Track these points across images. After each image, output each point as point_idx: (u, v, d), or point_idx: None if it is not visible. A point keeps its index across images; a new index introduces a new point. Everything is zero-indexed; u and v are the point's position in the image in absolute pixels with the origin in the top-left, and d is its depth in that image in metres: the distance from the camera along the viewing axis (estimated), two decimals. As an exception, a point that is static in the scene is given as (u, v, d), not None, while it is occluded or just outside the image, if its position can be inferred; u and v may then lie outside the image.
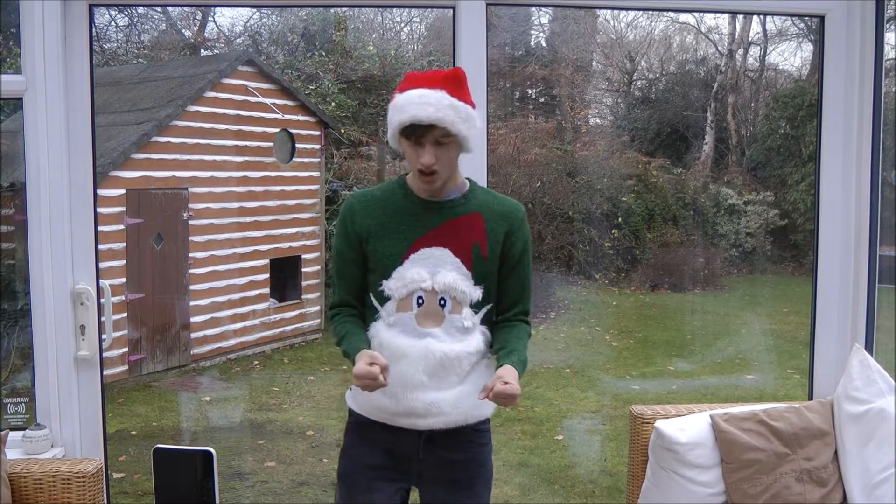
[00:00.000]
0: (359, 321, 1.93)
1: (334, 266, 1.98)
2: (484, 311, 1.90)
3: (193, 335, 7.19)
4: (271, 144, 7.94)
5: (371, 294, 1.91)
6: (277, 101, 7.96)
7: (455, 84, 1.83)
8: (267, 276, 7.87)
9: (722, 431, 2.35)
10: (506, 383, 1.73)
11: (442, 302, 1.85)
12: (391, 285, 1.86)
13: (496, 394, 1.71)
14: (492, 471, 1.98)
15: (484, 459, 1.95)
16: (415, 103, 1.79)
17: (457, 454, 1.91)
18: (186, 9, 9.58)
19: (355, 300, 1.95)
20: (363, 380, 1.74)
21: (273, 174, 7.96)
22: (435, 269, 1.85)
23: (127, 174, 6.70)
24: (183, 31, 9.81)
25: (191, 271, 7.19)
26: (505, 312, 1.96)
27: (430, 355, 1.82)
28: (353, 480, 1.94)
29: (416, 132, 1.80)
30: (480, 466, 1.94)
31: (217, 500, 1.85)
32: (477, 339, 1.89)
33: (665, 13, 11.45)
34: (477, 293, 1.87)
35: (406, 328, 1.85)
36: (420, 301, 1.85)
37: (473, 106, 1.85)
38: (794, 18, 10.25)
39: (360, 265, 1.92)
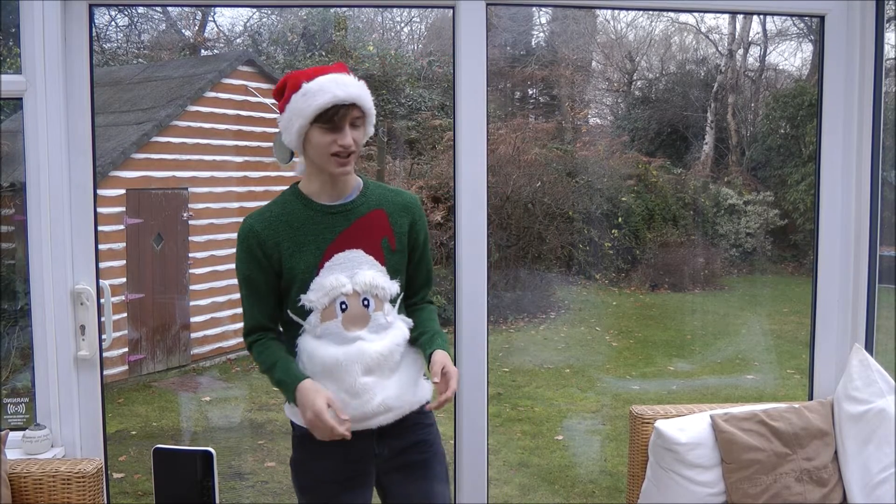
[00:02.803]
0: (282, 345, 1.91)
1: (243, 293, 1.92)
2: (399, 301, 1.93)
3: (193, 335, 7.18)
4: (271, 144, 7.93)
5: (289, 311, 1.88)
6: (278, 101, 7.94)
7: (348, 71, 1.87)
8: (267, 276, 7.86)
9: (722, 431, 2.35)
10: (445, 372, 1.81)
11: (365, 302, 1.86)
12: (311, 297, 1.84)
13: (450, 394, 1.79)
14: (444, 453, 2.01)
15: (433, 440, 1.98)
16: (333, 84, 1.80)
17: (406, 439, 1.93)
18: (186, 9, 9.57)
19: (272, 322, 1.92)
20: (322, 433, 1.78)
21: (273, 174, 7.95)
22: (352, 272, 1.85)
23: (127, 174, 6.70)
24: (183, 31, 9.80)
25: (191, 271, 7.18)
26: (413, 297, 2.01)
27: (365, 357, 1.83)
28: (315, 496, 1.96)
29: (336, 115, 1.80)
30: (430, 446, 1.97)
31: (217, 500, 1.85)
32: (401, 329, 1.92)
33: (665, 13, 11.44)
34: (395, 287, 1.90)
35: (334, 337, 1.84)
36: (343, 306, 1.84)
37: None
38: (794, 18, 10.24)
39: (274, 287, 1.88)
